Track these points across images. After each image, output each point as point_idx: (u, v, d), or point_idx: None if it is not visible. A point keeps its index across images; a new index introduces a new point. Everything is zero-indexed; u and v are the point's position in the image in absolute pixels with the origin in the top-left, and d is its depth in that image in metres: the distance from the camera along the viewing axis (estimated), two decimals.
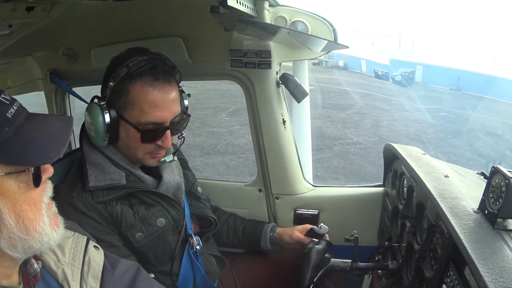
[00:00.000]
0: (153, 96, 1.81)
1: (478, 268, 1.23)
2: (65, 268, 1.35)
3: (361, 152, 11.03)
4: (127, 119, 1.84)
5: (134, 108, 1.82)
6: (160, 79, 1.82)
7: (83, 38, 2.58)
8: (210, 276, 2.21)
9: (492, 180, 1.53)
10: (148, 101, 1.81)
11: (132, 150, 1.92)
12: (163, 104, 1.84)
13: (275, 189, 2.73)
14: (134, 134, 1.85)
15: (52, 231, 1.22)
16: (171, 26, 2.37)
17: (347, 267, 2.14)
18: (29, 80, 3.01)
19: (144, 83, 1.80)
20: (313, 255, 2.08)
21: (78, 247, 1.42)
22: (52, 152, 1.16)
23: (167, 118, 1.86)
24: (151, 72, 1.80)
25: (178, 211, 2.07)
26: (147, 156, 1.95)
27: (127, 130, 1.87)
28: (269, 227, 2.49)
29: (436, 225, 1.69)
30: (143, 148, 1.90)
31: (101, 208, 1.87)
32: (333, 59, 26.13)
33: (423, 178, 1.91)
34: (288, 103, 2.59)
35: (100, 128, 1.83)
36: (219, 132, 12.75)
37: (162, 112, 1.84)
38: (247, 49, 2.35)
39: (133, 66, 1.80)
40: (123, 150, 1.96)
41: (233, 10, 1.76)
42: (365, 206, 2.72)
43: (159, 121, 1.85)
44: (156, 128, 1.85)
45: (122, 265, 1.54)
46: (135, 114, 1.83)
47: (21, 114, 1.18)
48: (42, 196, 1.21)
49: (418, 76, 23.92)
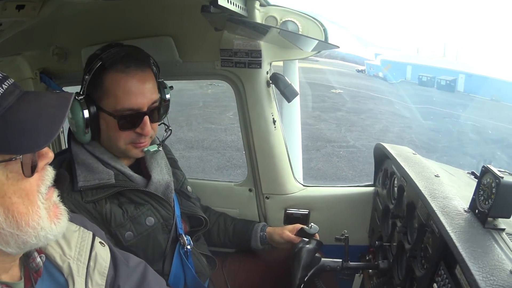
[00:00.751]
0: (126, 82, 1.83)
1: (469, 267, 1.24)
2: (71, 262, 1.29)
3: (349, 155, 10.88)
4: (104, 109, 1.85)
5: (110, 96, 1.84)
6: (132, 66, 1.84)
7: (74, 37, 2.55)
8: (201, 276, 2.21)
9: (482, 180, 1.54)
10: (122, 88, 1.82)
11: (114, 142, 1.92)
12: (137, 90, 1.85)
13: (265, 189, 2.72)
14: (113, 123, 1.86)
15: (50, 225, 1.12)
16: (161, 25, 2.36)
17: (337, 266, 2.15)
18: (19, 80, 2.97)
19: (116, 71, 1.82)
20: (304, 254, 2.08)
21: (84, 242, 1.36)
22: (42, 136, 1.03)
23: (143, 104, 1.87)
24: (123, 60, 1.83)
25: (168, 210, 2.06)
26: (130, 147, 1.94)
27: (107, 120, 1.87)
28: (260, 227, 2.49)
29: (426, 224, 1.69)
30: (124, 137, 1.90)
31: (91, 208, 1.87)
32: (374, 69, 25.69)
33: (414, 178, 1.92)
34: (278, 103, 2.58)
35: (80, 122, 1.83)
36: (214, 128, 12.67)
37: (137, 98, 1.85)
38: (238, 49, 2.34)
39: (106, 57, 1.83)
40: (106, 144, 1.95)
41: (223, 9, 1.75)
42: (355, 206, 2.72)
43: (134, 107, 1.85)
44: (132, 114, 1.86)
45: (133, 260, 1.53)
46: (111, 102, 1.84)
47: (11, 94, 1.07)
48: (39, 186, 1.10)
49: (461, 85, 22.99)
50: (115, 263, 1.44)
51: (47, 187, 1.13)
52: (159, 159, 2.15)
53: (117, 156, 1.99)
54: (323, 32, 2.25)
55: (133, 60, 1.85)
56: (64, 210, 1.19)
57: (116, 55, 1.83)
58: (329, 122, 13.96)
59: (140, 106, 1.86)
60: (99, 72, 1.83)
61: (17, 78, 2.87)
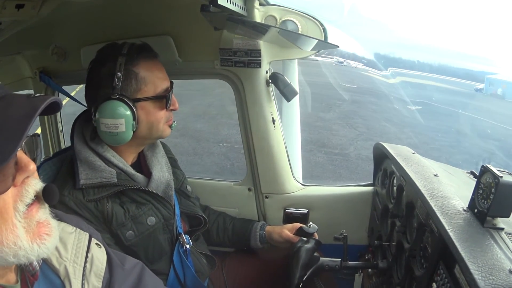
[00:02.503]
0: (156, 68, 1.96)
1: (468, 266, 1.24)
2: (67, 264, 1.27)
3: (332, 161, 10.53)
4: (145, 97, 1.93)
5: (148, 84, 1.93)
6: (152, 56, 1.97)
7: (73, 37, 2.56)
8: (200, 275, 2.21)
9: (481, 179, 1.54)
10: (155, 73, 1.96)
11: (156, 126, 1.99)
12: (163, 72, 2.00)
13: (264, 188, 2.72)
14: (155, 107, 1.96)
15: (31, 245, 1.03)
16: (161, 24, 2.36)
17: (336, 266, 2.15)
18: (19, 79, 2.98)
19: (145, 61, 1.93)
20: (302, 254, 2.08)
21: (80, 244, 1.34)
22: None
23: (169, 84, 2.02)
24: (144, 51, 1.95)
25: (169, 210, 2.06)
26: (165, 126, 2.04)
27: (147, 108, 1.94)
28: (259, 225, 2.50)
29: (426, 223, 1.69)
30: (164, 117, 2.00)
31: (92, 207, 1.87)
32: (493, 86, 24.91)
33: (413, 177, 1.92)
34: (278, 102, 2.58)
35: (129, 120, 1.87)
36: (215, 122, 12.87)
37: (165, 79, 2.00)
38: (237, 48, 2.34)
39: (128, 53, 1.90)
40: (144, 134, 1.99)
41: (223, 9, 1.75)
42: (355, 205, 2.72)
43: (167, 86, 2.00)
44: (169, 93, 1.99)
45: (129, 262, 1.52)
46: (151, 88, 1.94)
47: None
48: (16, 203, 1.02)
49: None
50: (110, 266, 1.42)
51: (26, 204, 1.04)
52: (160, 157, 2.17)
53: (122, 153, 2.01)
54: (323, 31, 2.25)
55: (149, 50, 1.97)
56: (52, 227, 1.11)
57: (135, 49, 1.93)
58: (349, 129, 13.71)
59: (169, 85, 2.01)
60: (127, 67, 1.88)
61: (16, 77, 2.90)
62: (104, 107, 1.85)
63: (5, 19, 1.68)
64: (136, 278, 1.48)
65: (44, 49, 2.69)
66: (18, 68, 2.90)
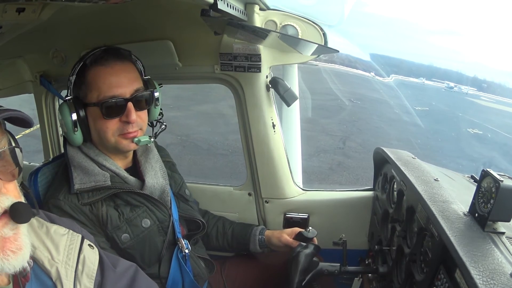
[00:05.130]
0: (106, 73, 1.89)
1: (469, 271, 1.24)
2: (59, 266, 1.29)
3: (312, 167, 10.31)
4: (89, 103, 1.91)
5: (93, 89, 1.90)
6: (110, 59, 1.91)
7: (73, 41, 2.56)
8: (199, 279, 2.21)
9: (482, 183, 1.54)
10: (102, 79, 1.89)
11: (103, 135, 1.94)
12: (118, 80, 1.91)
13: (264, 193, 2.72)
14: (99, 115, 1.90)
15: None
16: (161, 29, 2.36)
17: (335, 270, 2.15)
18: (19, 82, 2.99)
19: (96, 65, 1.90)
20: (301, 259, 2.08)
21: (73, 245, 1.36)
22: None
23: (124, 92, 1.90)
24: (102, 55, 1.91)
25: (163, 212, 2.07)
26: (119, 138, 1.95)
27: (93, 114, 1.93)
28: (258, 230, 2.50)
29: (426, 228, 1.69)
30: (111, 127, 1.92)
31: (87, 210, 1.89)
32: None
33: (414, 182, 1.92)
34: (278, 107, 2.58)
35: (69, 123, 1.89)
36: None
37: (118, 87, 1.90)
38: (237, 53, 2.35)
39: (87, 57, 1.91)
40: (98, 142, 1.99)
41: (223, 13, 1.75)
42: (355, 210, 2.72)
43: (116, 93, 1.89)
44: (116, 101, 1.89)
45: (122, 264, 1.52)
46: (94, 95, 1.89)
47: None
48: None
49: None
50: (102, 268, 1.43)
51: None
52: (154, 162, 2.17)
53: (113, 158, 2.02)
54: (323, 36, 2.25)
55: (111, 55, 1.92)
56: (23, 245, 1.11)
57: (96, 53, 1.92)
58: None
59: (122, 93, 1.90)
60: (82, 71, 1.91)
61: (17, 81, 2.91)
62: (60, 106, 1.94)
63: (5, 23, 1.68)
64: (129, 281, 1.49)
65: (44, 53, 2.70)
66: (19, 72, 2.90)
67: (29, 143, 7.81)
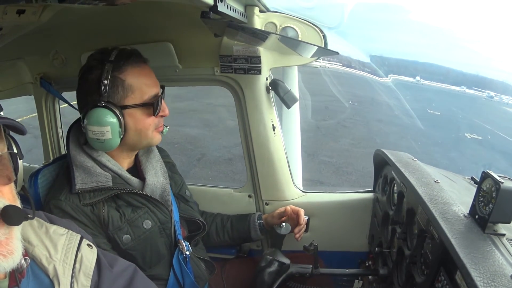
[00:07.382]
0: (144, 74, 1.95)
1: (470, 273, 1.24)
2: (57, 264, 1.30)
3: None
4: (131, 105, 1.91)
5: (135, 91, 1.91)
6: (140, 61, 1.97)
7: (73, 43, 2.56)
8: (199, 280, 2.22)
9: (482, 185, 1.54)
10: (142, 80, 1.94)
11: (144, 133, 1.98)
12: (152, 79, 1.99)
13: (265, 195, 2.71)
14: (143, 114, 1.95)
15: None
16: (161, 31, 2.36)
17: (307, 273, 2.18)
18: (19, 84, 3.00)
19: (133, 68, 1.92)
20: (265, 277, 2.14)
21: (71, 245, 1.38)
22: None
23: (158, 90, 2.00)
24: (132, 58, 1.94)
25: (165, 213, 2.07)
26: (155, 133, 2.03)
27: (134, 115, 1.93)
28: (256, 216, 2.56)
29: (426, 230, 1.69)
30: (153, 124, 1.99)
31: (88, 211, 1.89)
32: None
33: (414, 184, 1.92)
34: (278, 109, 2.58)
35: (115, 127, 1.87)
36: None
37: (155, 86, 1.99)
38: (237, 55, 2.35)
39: (115, 60, 1.90)
40: (133, 140, 1.99)
41: (223, 15, 1.75)
42: (355, 212, 2.71)
43: (156, 93, 1.97)
44: (158, 99, 1.96)
45: (120, 264, 1.53)
46: (138, 95, 1.92)
47: None
48: None
49: None
50: (99, 267, 1.44)
51: None
52: (154, 162, 2.18)
53: (117, 158, 2.02)
54: (323, 38, 2.25)
55: (138, 56, 1.96)
56: (14, 249, 1.13)
57: (123, 55, 1.92)
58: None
59: (158, 91, 1.99)
60: (114, 74, 1.88)
61: (17, 83, 2.92)
62: (91, 114, 1.87)
63: (6, 25, 1.68)
64: (126, 281, 1.49)
65: (44, 55, 2.70)
66: (19, 74, 2.91)
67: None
